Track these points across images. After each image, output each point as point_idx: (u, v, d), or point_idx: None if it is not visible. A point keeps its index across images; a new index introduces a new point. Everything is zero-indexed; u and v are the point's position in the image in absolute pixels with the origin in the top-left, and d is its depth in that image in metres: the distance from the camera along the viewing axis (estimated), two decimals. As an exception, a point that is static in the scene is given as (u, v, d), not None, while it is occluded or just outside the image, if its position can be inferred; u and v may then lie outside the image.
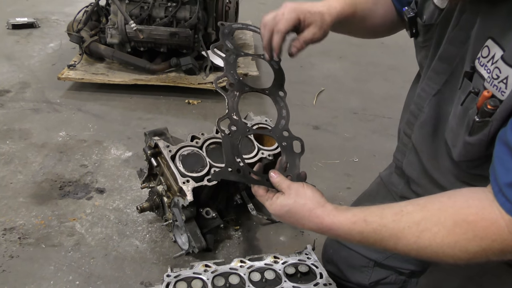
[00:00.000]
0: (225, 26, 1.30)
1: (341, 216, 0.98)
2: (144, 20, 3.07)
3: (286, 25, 1.13)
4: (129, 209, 2.00)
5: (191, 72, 3.15)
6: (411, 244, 0.89)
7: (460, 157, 0.99)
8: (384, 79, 3.68)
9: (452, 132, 1.01)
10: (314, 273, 1.33)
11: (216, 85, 1.18)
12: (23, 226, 1.87)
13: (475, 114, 0.89)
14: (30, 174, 2.18)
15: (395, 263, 1.38)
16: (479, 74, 0.90)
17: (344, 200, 2.14)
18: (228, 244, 1.87)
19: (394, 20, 1.31)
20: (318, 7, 1.15)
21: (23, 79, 3.18)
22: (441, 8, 1.07)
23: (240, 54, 1.30)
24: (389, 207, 0.95)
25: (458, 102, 0.96)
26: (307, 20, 1.14)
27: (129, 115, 2.82)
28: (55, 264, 1.70)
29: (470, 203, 0.86)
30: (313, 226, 1.01)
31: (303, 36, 1.15)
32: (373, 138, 2.79)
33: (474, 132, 0.91)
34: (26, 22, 4.10)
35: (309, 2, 1.15)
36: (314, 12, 1.14)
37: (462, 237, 0.84)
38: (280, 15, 1.13)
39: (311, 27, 1.15)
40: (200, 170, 1.61)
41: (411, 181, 1.26)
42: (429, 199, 0.93)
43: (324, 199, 1.04)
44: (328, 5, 1.17)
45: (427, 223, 0.88)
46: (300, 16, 1.13)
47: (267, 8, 5.90)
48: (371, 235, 0.94)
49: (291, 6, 1.13)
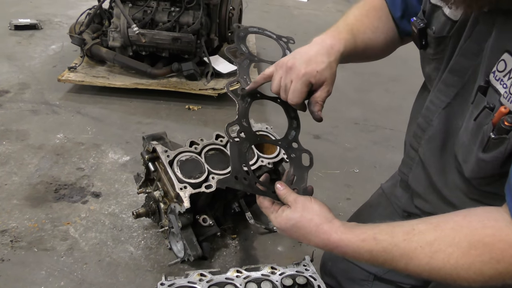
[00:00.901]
0: (241, 29, 1.26)
1: (350, 233, 0.95)
2: (146, 24, 3.06)
3: (300, 99, 1.09)
4: (125, 214, 1.96)
5: (193, 78, 3.13)
6: (423, 265, 0.86)
7: (472, 174, 0.95)
8: (386, 90, 3.67)
9: (463, 148, 0.97)
10: (312, 285, 1.30)
11: (228, 89, 1.16)
12: (16, 229, 1.83)
13: (491, 130, 0.85)
14: (26, 176, 2.15)
15: (396, 277, 1.35)
16: (494, 89, 0.86)
17: (344, 211, 2.10)
18: (225, 253, 1.83)
19: (395, 40, 1.27)
20: (322, 58, 1.09)
21: (23, 80, 3.16)
22: (454, 20, 1.02)
23: (254, 60, 1.25)
24: (399, 225, 0.92)
25: (471, 116, 0.92)
26: (318, 81, 1.09)
27: (128, 119, 2.79)
28: (47, 268, 1.66)
29: (486, 224, 0.83)
30: (319, 242, 0.98)
31: (320, 97, 1.11)
32: (374, 149, 2.77)
33: (489, 149, 0.87)
34: (29, 24, 4.10)
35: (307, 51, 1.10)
36: (321, 70, 1.08)
37: (478, 259, 0.81)
38: (289, 84, 1.09)
39: (324, 86, 1.10)
40: (198, 176, 1.58)
41: (417, 196, 1.22)
42: (442, 218, 0.90)
43: (332, 215, 1.01)
44: (329, 48, 1.11)
45: (441, 244, 0.84)
46: (310, 80, 1.08)
47: (271, 16, 5.92)
48: (380, 254, 0.90)
49: (298, 73, 1.07)
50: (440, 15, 1.07)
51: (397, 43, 1.29)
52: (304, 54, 1.10)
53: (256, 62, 1.28)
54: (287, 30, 4.66)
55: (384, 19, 1.24)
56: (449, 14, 1.04)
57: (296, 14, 5.60)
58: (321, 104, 1.12)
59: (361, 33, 1.20)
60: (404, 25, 1.24)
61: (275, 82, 1.12)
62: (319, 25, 5.08)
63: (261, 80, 1.17)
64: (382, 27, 1.24)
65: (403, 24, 1.24)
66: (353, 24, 1.20)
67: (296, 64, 1.08)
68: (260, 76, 1.16)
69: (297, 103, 1.10)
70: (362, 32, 1.20)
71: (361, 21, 1.22)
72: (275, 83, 1.12)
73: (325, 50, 1.10)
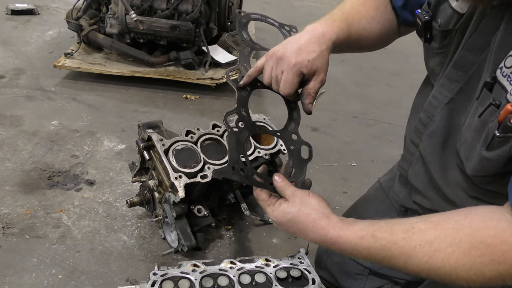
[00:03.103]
0: (243, 15, 1.23)
1: (348, 230, 0.93)
2: (145, 11, 3.01)
3: (291, 90, 1.06)
4: (119, 203, 1.94)
5: (191, 67, 3.10)
6: (422, 264, 0.84)
7: (475, 172, 0.93)
8: (386, 85, 3.64)
9: (465, 144, 0.94)
10: (307, 278, 1.28)
11: (227, 77, 1.13)
12: (8, 215, 1.80)
13: (496, 128, 0.82)
14: (19, 162, 2.12)
15: (391, 272, 1.33)
16: (500, 85, 0.83)
17: (340, 205, 2.09)
18: (219, 244, 1.81)
19: (392, 32, 1.24)
20: (313, 46, 1.05)
21: (18, 65, 3.12)
22: (461, 13, 0.99)
23: (256, 48, 1.22)
24: (399, 223, 0.90)
25: (475, 113, 0.90)
26: (310, 71, 1.05)
27: (124, 107, 2.76)
28: (38, 256, 1.64)
29: (488, 224, 0.81)
30: (317, 238, 0.97)
31: (313, 88, 1.08)
32: (372, 143, 2.75)
33: (493, 147, 0.84)
34: (26, 9, 4.05)
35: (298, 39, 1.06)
36: (313, 59, 1.04)
37: (478, 260, 0.79)
38: (280, 75, 1.06)
39: (316, 76, 1.07)
40: (194, 166, 1.55)
41: (416, 192, 1.20)
42: (442, 217, 0.88)
43: (330, 210, 0.99)
44: (320, 36, 1.07)
45: (441, 243, 0.82)
46: (302, 70, 1.04)
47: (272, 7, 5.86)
48: (379, 252, 0.89)
49: (288, 63, 1.04)
50: (446, 8, 1.03)
51: (393, 35, 1.26)
52: (295, 43, 1.06)
53: (257, 50, 1.24)
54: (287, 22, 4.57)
55: (382, 9, 1.21)
56: (455, 6, 1.01)
57: (297, 6, 5.55)
58: (313, 96, 1.09)
59: (356, 22, 1.16)
60: (405, 15, 1.21)
61: (267, 73, 1.09)
62: (319, 17, 5.03)
63: (254, 73, 1.13)
64: (379, 17, 1.21)
65: (404, 14, 1.20)
66: (348, 12, 1.17)
67: (287, 54, 1.05)
68: (252, 68, 1.13)
69: (289, 94, 1.08)
70: (357, 21, 1.17)
71: (357, 10, 1.18)
72: (266, 74, 1.10)
73: (316, 38, 1.06)
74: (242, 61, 1.16)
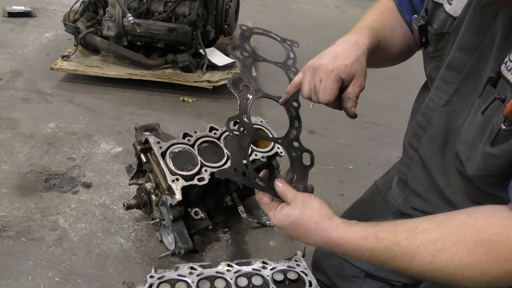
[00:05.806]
0: (246, 29, 1.29)
1: (350, 231, 0.93)
2: (142, 14, 3.01)
3: (332, 96, 1.06)
4: (116, 205, 1.94)
5: (188, 70, 3.10)
6: (426, 264, 0.83)
7: (476, 171, 0.92)
8: (383, 87, 3.65)
9: (466, 144, 0.94)
10: (303, 281, 1.29)
11: (229, 84, 1.15)
12: (4, 218, 1.80)
13: (502, 122, 0.81)
14: (15, 165, 2.12)
15: (387, 275, 1.34)
16: (505, 80, 0.83)
17: (337, 207, 2.09)
18: (216, 246, 1.81)
19: (412, 42, 1.24)
20: (349, 52, 1.07)
21: (15, 68, 3.11)
22: (454, 17, 1.01)
23: (258, 59, 1.27)
24: (402, 223, 0.90)
25: (477, 110, 0.90)
26: (348, 75, 1.06)
27: (121, 110, 2.76)
28: (35, 259, 1.63)
29: (492, 222, 0.80)
30: (319, 240, 0.96)
31: (353, 92, 1.08)
32: (369, 145, 2.76)
33: (498, 142, 0.83)
34: (23, 11, 4.03)
35: (333, 49, 1.08)
36: (350, 64, 1.06)
37: (484, 258, 0.78)
38: (318, 84, 1.06)
39: (355, 80, 1.08)
40: (191, 168, 1.56)
41: (416, 196, 1.20)
42: (446, 216, 0.87)
43: (332, 212, 0.99)
44: (355, 43, 1.09)
45: (445, 242, 0.81)
46: (340, 75, 1.06)
47: (268, 10, 5.85)
48: (382, 253, 0.88)
49: (326, 70, 1.05)
50: (441, 12, 1.06)
51: (413, 45, 1.26)
52: (330, 52, 1.08)
53: (259, 61, 1.28)
54: (284, 25, 4.63)
55: (400, 20, 1.24)
56: (449, 10, 1.03)
57: (293, 9, 5.57)
58: (354, 100, 1.09)
59: (381, 31, 1.18)
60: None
61: (305, 86, 1.10)
62: (316, 20, 5.05)
63: (292, 89, 1.16)
64: (399, 27, 1.23)
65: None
66: (371, 23, 1.19)
67: (323, 62, 1.06)
68: (290, 86, 1.16)
69: (329, 101, 1.08)
70: (382, 30, 1.19)
71: (378, 21, 1.21)
72: (305, 87, 1.10)
73: (351, 46, 1.09)
74: (245, 71, 1.20)
